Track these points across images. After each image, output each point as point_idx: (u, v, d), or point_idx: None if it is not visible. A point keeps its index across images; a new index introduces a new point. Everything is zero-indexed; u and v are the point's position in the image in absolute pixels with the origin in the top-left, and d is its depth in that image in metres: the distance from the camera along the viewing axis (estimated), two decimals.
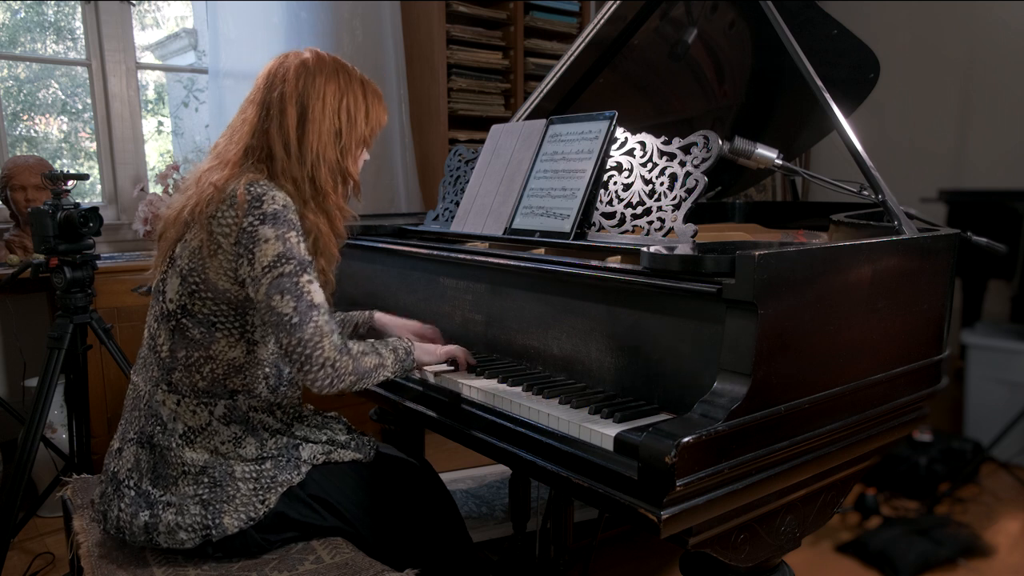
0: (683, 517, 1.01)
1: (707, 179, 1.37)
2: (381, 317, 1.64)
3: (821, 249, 1.16)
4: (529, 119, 1.88)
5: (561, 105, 2.06)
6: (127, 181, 3.11)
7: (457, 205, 1.84)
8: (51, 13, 3.37)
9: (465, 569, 1.52)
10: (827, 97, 1.52)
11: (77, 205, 2.05)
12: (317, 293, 1.27)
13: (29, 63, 3.31)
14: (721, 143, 1.40)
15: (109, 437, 2.51)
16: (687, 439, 0.98)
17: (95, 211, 2.06)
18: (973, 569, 2.28)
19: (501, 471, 2.81)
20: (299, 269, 1.25)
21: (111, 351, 2.20)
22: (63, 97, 3.36)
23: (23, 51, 3.32)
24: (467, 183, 1.83)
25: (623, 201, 1.48)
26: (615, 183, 1.51)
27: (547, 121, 1.70)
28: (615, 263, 1.37)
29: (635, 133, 1.52)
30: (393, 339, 1.40)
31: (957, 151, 3.58)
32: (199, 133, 3.78)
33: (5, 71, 3.27)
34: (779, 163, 1.49)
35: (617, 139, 1.54)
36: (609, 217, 1.50)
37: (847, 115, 1.55)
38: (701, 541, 1.10)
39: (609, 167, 1.53)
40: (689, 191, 1.39)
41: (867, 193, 1.50)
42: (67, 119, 3.39)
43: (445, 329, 1.66)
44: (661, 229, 1.40)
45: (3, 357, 2.89)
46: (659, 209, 1.42)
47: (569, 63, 1.95)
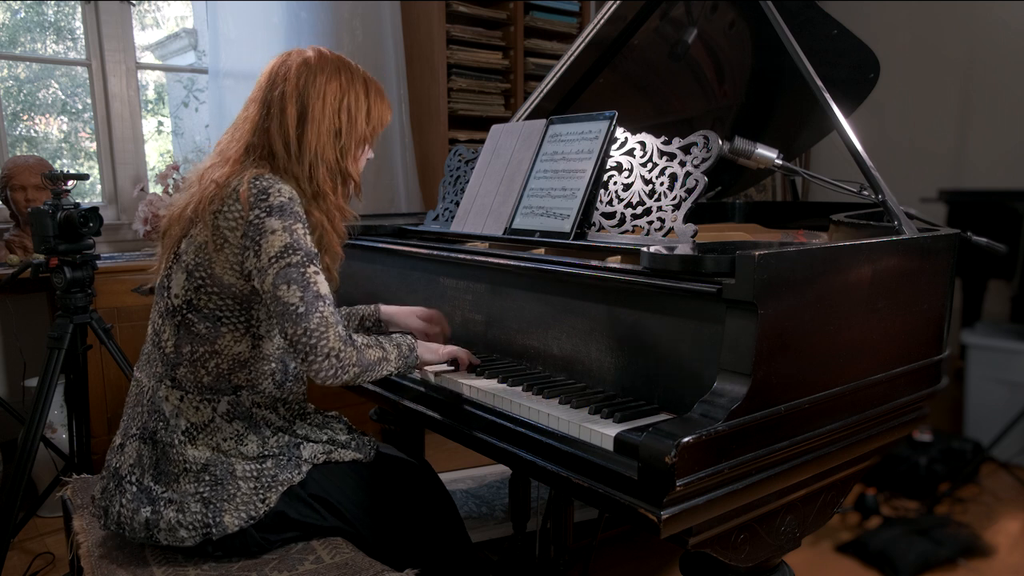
0: (683, 517, 1.01)
1: (707, 179, 1.38)
2: (386, 309, 1.66)
3: (821, 249, 1.16)
4: (529, 119, 1.88)
5: (561, 105, 2.06)
6: (127, 181, 3.11)
7: (457, 205, 1.84)
8: (51, 13, 3.37)
9: (465, 569, 1.52)
10: (827, 97, 1.52)
11: (77, 205, 2.05)
12: (323, 284, 1.27)
13: (29, 63, 3.31)
14: (721, 143, 1.40)
15: (109, 437, 2.52)
16: (687, 439, 0.98)
17: (95, 211, 2.06)
18: (973, 569, 2.28)
19: (501, 471, 2.81)
20: (306, 260, 1.25)
21: (111, 351, 2.20)
22: (63, 97, 3.36)
23: (23, 51, 3.32)
24: (467, 183, 1.83)
25: (623, 201, 1.48)
26: (615, 183, 1.51)
27: (547, 121, 1.70)
28: (615, 263, 1.37)
29: (635, 133, 1.52)
30: (397, 335, 1.40)
31: (957, 151, 3.58)
32: (199, 133, 3.78)
33: (5, 71, 3.27)
34: (779, 163, 1.49)
35: (617, 139, 1.54)
36: (609, 217, 1.50)
37: (847, 115, 1.55)
38: (701, 541, 1.10)
39: (609, 167, 1.53)
40: (689, 191, 1.39)
41: (867, 193, 1.50)
42: (67, 119, 3.39)
43: None
44: (661, 229, 1.40)
45: (3, 357, 2.89)
46: (659, 209, 1.42)
47: (569, 63, 1.95)
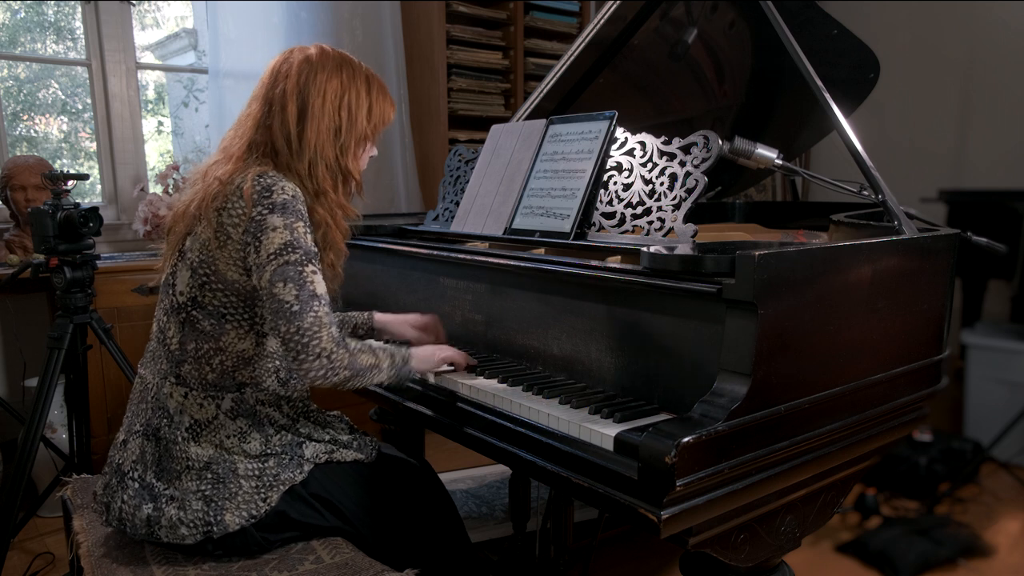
0: (683, 517, 1.01)
1: (707, 179, 1.38)
2: (380, 317, 1.65)
3: (821, 249, 1.16)
4: (529, 119, 1.88)
5: (561, 105, 2.06)
6: (127, 181, 3.11)
7: (457, 205, 1.84)
8: (51, 13, 3.37)
9: (465, 569, 1.52)
10: (827, 97, 1.52)
11: (77, 205, 2.05)
12: (320, 284, 1.27)
13: (29, 63, 3.31)
14: (721, 143, 1.40)
15: (109, 437, 2.52)
16: (687, 439, 0.98)
17: (95, 211, 2.06)
18: (973, 569, 2.27)
19: (501, 471, 2.81)
20: (304, 259, 1.25)
21: (111, 351, 2.20)
22: (63, 97, 3.36)
23: (23, 51, 3.32)
24: (467, 183, 1.83)
25: (623, 201, 1.48)
26: (615, 183, 1.51)
27: (547, 121, 1.70)
28: (615, 263, 1.37)
29: (635, 133, 1.52)
30: (392, 346, 1.40)
31: (957, 151, 3.58)
32: (199, 133, 3.78)
33: (5, 71, 3.27)
34: (779, 163, 1.49)
35: (617, 139, 1.54)
36: (609, 217, 1.50)
37: (847, 115, 1.55)
38: (701, 541, 1.10)
39: (609, 167, 1.53)
40: (689, 191, 1.39)
41: (867, 193, 1.50)
42: (67, 119, 3.39)
43: (445, 329, 1.66)
44: (661, 229, 1.40)
45: (3, 357, 2.89)
46: (659, 209, 1.42)
47: (569, 63, 1.95)
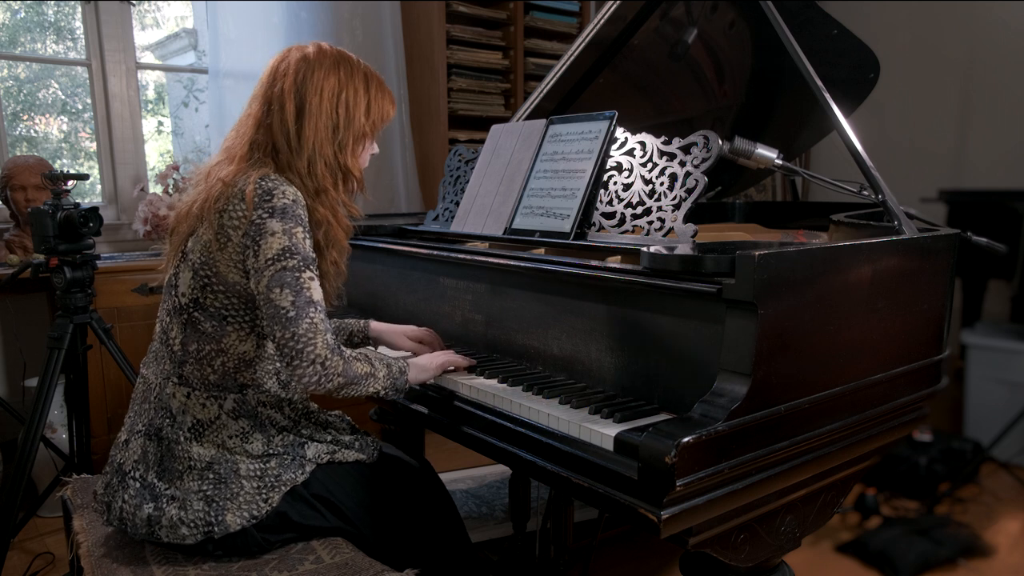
0: (683, 517, 1.01)
1: (707, 179, 1.37)
2: (376, 326, 1.64)
3: (821, 249, 1.16)
4: (529, 119, 1.88)
5: (561, 105, 2.06)
6: (127, 181, 3.11)
7: (457, 205, 1.84)
8: (51, 13, 3.37)
9: (465, 569, 1.52)
10: (827, 97, 1.52)
11: (77, 205, 2.05)
12: (316, 291, 1.27)
13: (29, 63, 3.31)
14: (721, 143, 1.40)
15: (109, 437, 2.52)
16: (687, 439, 0.98)
17: (95, 211, 2.06)
18: (973, 569, 2.27)
19: (501, 471, 2.81)
20: (302, 265, 1.25)
21: (111, 351, 2.20)
22: (63, 97, 3.36)
23: (23, 51, 3.32)
24: (467, 183, 1.83)
25: (623, 201, 1.48)
26: (615, 183, 1.51)
27: (547, 121, 1.70)
28: (615, 263, 1.37)
29: (635, 133, 1.52)
30: (389, 356, 1.39)
31: (957, 151, 3.58)
32: (199, 133, 3.78)
33: (5, 71, 3.27)
34: (779, 163, 1.49)
35: (617, 139, 1.54)
36: (609, 217, 1.50)
37: (847, 115, 1.55)
38: (701, 541, 1.10)
39: (609, 167, 1.53)
40: (689, 191, 1.39)
41: (867, 193, 1.50)
42: (67, 119, 3.39)
43: (445, 329, 1.66)
44: (661, 229, 1.40)
45: (3, 357, 2.89)
46: (659, 209, 1.42)
47: (569, 63, 1.95)
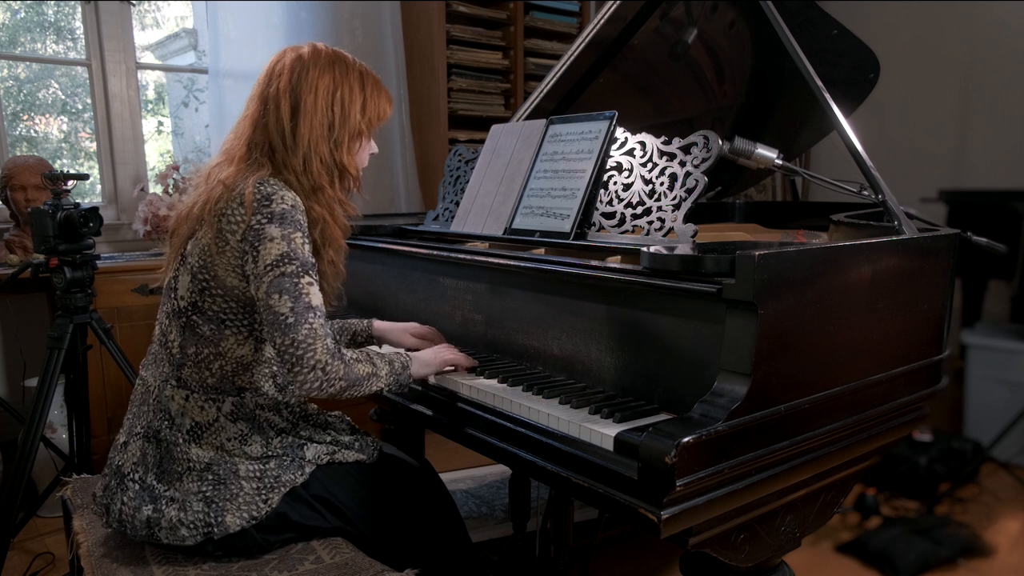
0: (683, 517, 1.01)
1: (707, 179, 1.37)
2: (380, 325, 1.63)
3: (821, 249, 1.16)
4: (529, 119, 1.88)
5: (561, 105, 2.06)
6: (127, 181, 3.11)
7: (457, 205, 1.84)
8: (51, 13, 3.37)
9: (465, 569, 1.52)
10: (827, 97, 1.52)
11: (77, 205, 2.05)
12: (316, 296, 1.27)
13: (29, 63, 3.31)
14: (721, 143, 1.40)
15: (109, 437, 2.52)
16: (687, 439, 0.98)
17: (95, 211, 2.06)
18: (973, 569, 2.27)
19: (501, 471, 2.81)
20: (301, 270, 1.25)
21: (111, 351, 2.20)
22: (63, 97, 3.36)
23: (23, 51, 3.32)
24: (467, 183, 1.83)
25: (623, 201, 1.48)
26: (615, 183, 1.51)
27: (547, 121, 1.70)
28: (615, 263, 1.37)
29: (635, 133, 1.52)
30: (391, 352, 1.40)
31: (957, 151, 3.58)
32: (199, 133, 3.78)
33: (5, 71, 3.27)
34: (779, 163, 1.49)
35: (617, 139, 1.54)
36: (609, 217, 1.49)
37: (847, 115, 1.55)
38: (701, 541, 1.10)
39: (609, 167, 1.53)
40: (689, 191, 1.39)
41: (867, 193, 1.49)
42: (67, 119, 3.39)
43: (445, 329, 1.66)
44: (661, 229, 1.40)
45: (3, 357, 2.89)
46: (659, 209, 1.42)
47: (569, 63, 1.95)
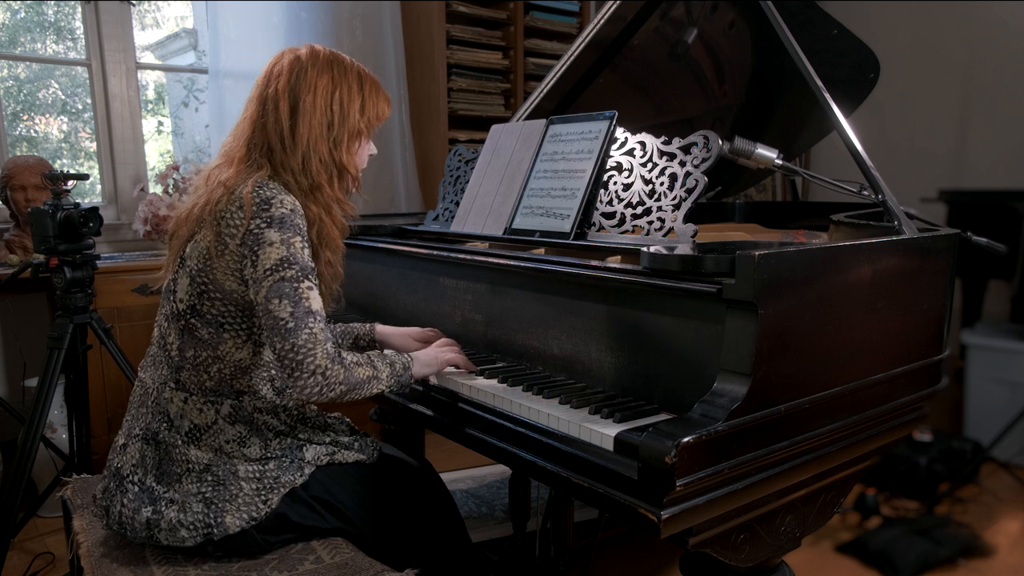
0: (683, 517, 1.01)
1: (707, 179, 1.37)
2: (382, 329, 1.63)
3: (821, 249, 1.16)
4: (529, 119, 1.88)
5: (561, 105, 2.06)
6: (127, 181, 3.11)
7: (457, 205, 1.84)
8: (51, 13, 3.37)
9: (465, 569, 1.52)
10: (827, 97, 1.52)
11: (77, 205, 2.05)
12: (316, 300, 1.27)
13: (29, 63, 3.31)
14: (721, 143, 1.40)
15: (109, 437, 2.52)
16: (687, 439, 0.98)
17: (95, 211, 2.06)
18: (973, 569, 2.27)
19: (501, 471, 2.81)
20: (300, 275, 1.25)
21: (111, 351, 2.20)
22: (63, 97, 3.36)
23: (23, 51, 3.32)
24: (467, 183, 1.83)
25: (623, 201, 1.48)
26: (615, 183, 1.51)
27: (547, 121, 1.70)
28: (615, 263, 1.37)
29: (635, 133, 1.52)
30: (392, 354, 1.40)
31: (957, 151, 3.58)
32: (199, 133, 3.78)
33: (5, 71, 3.27)
34: (779, 163, 1.49)
35: (617, 139, 1.54)
36: (609, 217, 1.49)
37: (847, 115, 1.55)
38: (701, 541, 1.10)
39: (609, 167, 1.53)
40: (689, 191, 1.39)
41: (867, 193, 1.50)
42: (67, 119, 3.39)
43: (445, 329, 1.66)
44: (661, 229, 1.40)
45: (3, 357, 2.89)
46: (659, 209, 1.42)
47: (569, 63, 1.95)
